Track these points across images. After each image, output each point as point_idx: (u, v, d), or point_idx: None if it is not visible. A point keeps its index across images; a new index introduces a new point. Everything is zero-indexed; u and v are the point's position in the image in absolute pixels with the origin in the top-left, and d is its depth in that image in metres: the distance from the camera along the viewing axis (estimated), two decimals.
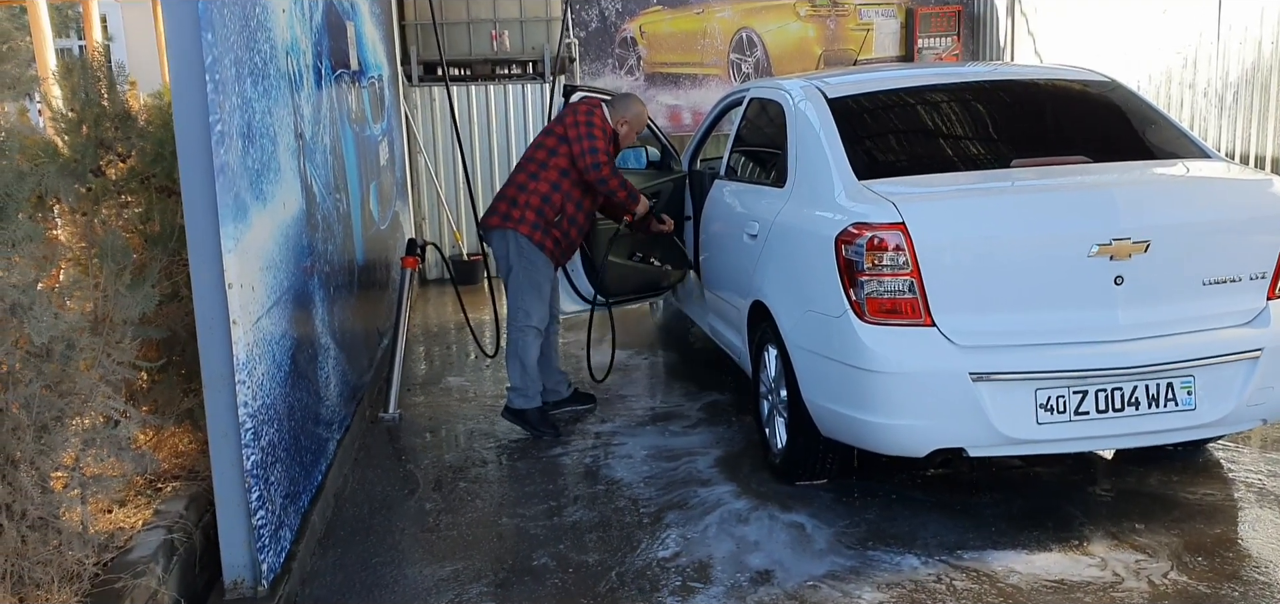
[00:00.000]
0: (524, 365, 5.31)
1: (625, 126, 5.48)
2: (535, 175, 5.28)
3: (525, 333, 5.31)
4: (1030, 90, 4.83)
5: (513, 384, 5.36)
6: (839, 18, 10.79)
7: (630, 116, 5.50)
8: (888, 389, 3.75)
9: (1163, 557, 3.70)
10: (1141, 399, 3.73)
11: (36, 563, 2.96)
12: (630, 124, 5.50)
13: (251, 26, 3.65)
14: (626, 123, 5.48)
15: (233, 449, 3.33)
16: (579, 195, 5.33)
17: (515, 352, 5.32)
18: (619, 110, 5.48)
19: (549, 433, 5.29)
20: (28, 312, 2.90)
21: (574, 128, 5.22)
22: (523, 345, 5.31)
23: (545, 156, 5.30)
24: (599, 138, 5.20)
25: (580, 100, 5.42)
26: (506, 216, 5.27)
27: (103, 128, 4.17)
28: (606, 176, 5.21)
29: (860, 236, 3.76)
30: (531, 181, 5.27)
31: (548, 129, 5.44)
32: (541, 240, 5.25)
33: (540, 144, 5.38)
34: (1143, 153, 4.40)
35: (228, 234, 3.21)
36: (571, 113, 5.29)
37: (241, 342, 3.29)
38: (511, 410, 5.38)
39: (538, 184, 5.25)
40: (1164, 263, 3.73)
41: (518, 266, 5.27)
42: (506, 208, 5.29)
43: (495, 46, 9.94)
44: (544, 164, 5.28)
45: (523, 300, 5.30)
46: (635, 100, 5.62)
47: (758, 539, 3.99)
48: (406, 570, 3.87)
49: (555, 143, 5.29)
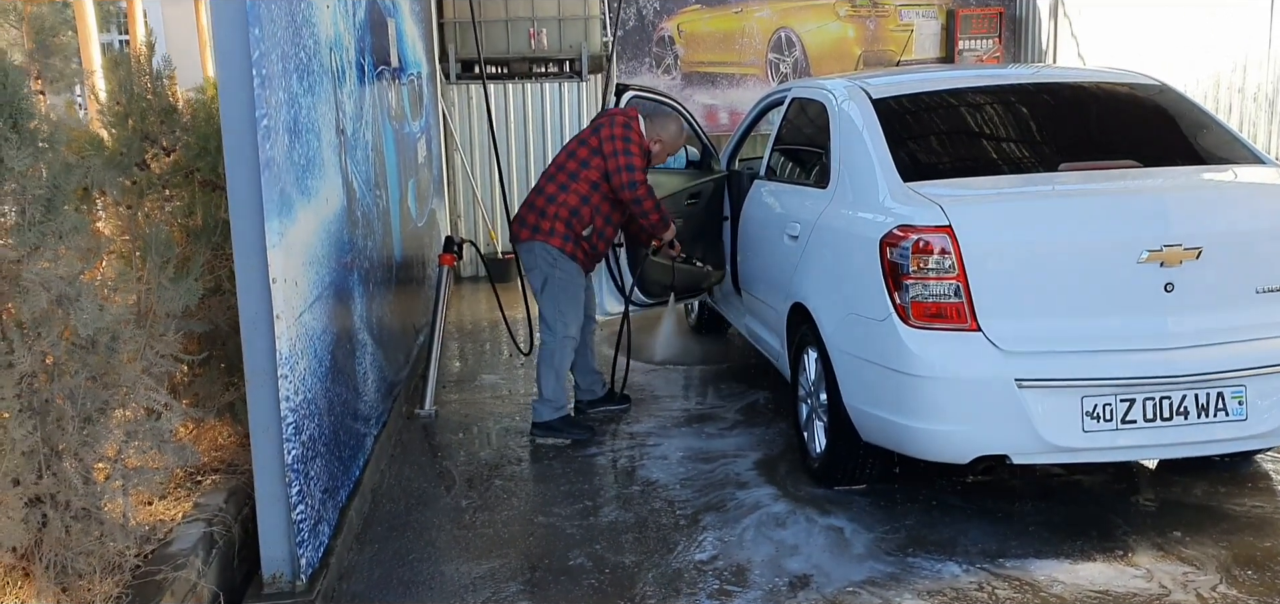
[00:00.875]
0: (558, 375, 5.21)
1: (660, 145, 5.38)
2: (565, 186, 5.14)
3: (564, 343, 5.21)
4: (1077, 93, 4.75)
5: (545, 395, 5.21)
6: (879, 18, 10.71)
7: (667, 137, 5.39)
8: (931, 394, 3.70)
9: (1211, 569, 3.63)
10: (1191, 408, 3.66)
11: (79, 553, 2.98)
12: (665, 145, 5.40)
13: (297, 22, 3.65)
14: (661, 142, 5.38)
15: (274, 443, 3.34)
16: (608, 209, 5.21)
17: (551, 362, 5.20)
18: (656, 127, 5.36)
19: (581, 434, 5.22)
20: (74, 303, 2.92)
21: (610, 141, 5.08)
22: (561, 356, 5.21)
23: (576, 167, 5.17)
24: (636, 153, 5.08)
25: (618, 110, 5.30)
26: (536, 228, 5.15)
27: (148, 122, 4.19)
28: (642, 197, 5.10)
29: (906, 239, 3.72)
30: (561, 193, 5.14)
31: (582, 138, 5.29)
32: (573, 251, 5.15)
33: (572, 152, 5.24)
34: (1193, 157, 4.33)
35: (272, 229, 3.22)
36: (608, 124, 5.15)
37: (285, 336, 3.29)
38: (538, 424, 5.23)
39: (567, 196, 5.12)
40: (1216, 270, 3.66)
41: (552, 277, 5.16)
42: (536, 219, 5.17)
43: (532, 45, 9.94)
44: (574, 175, 5.15)
45: (560, 311, 5.18)
46: (675, 120, 5.49)
47: (796, 543, 3.96)
48: (442, 567, 3.87)
49: (588, 154, 5.16)
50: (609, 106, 5.66)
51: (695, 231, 6.04)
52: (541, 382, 5.23)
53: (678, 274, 5.86)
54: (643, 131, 5.22)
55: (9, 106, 2.82)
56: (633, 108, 5.34)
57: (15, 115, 2.83)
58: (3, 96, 2.81)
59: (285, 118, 3.42)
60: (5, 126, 2.81)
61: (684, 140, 5.55)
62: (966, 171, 4.20)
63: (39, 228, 2.89)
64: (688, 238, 5.95)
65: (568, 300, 5.18)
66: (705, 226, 6.11)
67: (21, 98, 2.85)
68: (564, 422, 5.24)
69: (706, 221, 6.12)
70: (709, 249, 6.11)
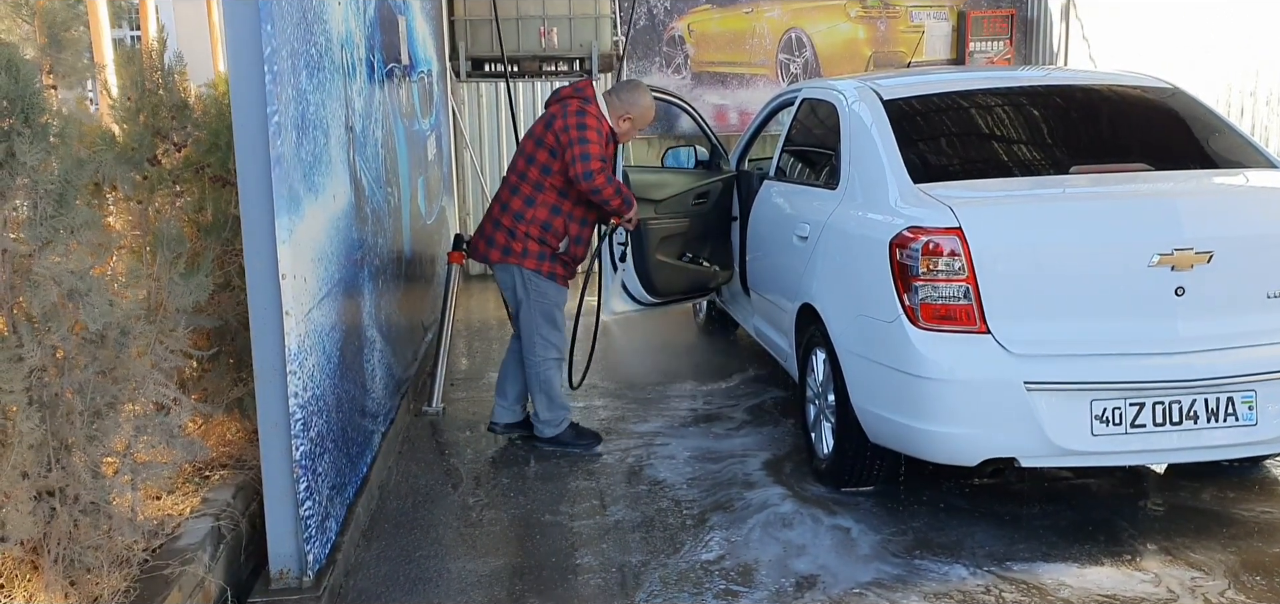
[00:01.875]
0: (550, 396, 4.99)
1: (627, 122, 4.93)
2: (531, 200, 4.79)
3: (547, 365, 4.96)
4: (1089, 96, 4.74)
5: (542, 417, 5.03)
6: (890, 19, 10.69)
7: (635, 111, 4.92)
8: (940, 396, 3.69)
9: (1219, 575, 3.62)
10: (1200, 412, 3.64)
11: (87, 547, 2.99)
12: (634, 120, 4.94)
13: (308, 19, 3.66)
14: (629, 118, 4.92)
15: (282, 439, 3.34)
16: (583, 213, 4.87)
17: (540, 385, 4.98)
18: (621, 102, 4.90)
19: (590, 441, 5.07)
20: (84, 297, 2.93)
21: (565, 133, 4.66)
22: (546, 378, 4.97)
23: (539, 175, 4.78)
24: (593, 140, 4.66)
25: (570, 91, 4.85)
26: (507, 250, 4.83)
27: (159, 117, 4.21)
28: (600, 186, 4.67)
29: (915, 241, 3.71)
30: (528, 209, 4.78)
31: (537, 137, 4.82)
32: (551, 271, 4.86)
33: (531, 157, 4.81)
34: (1206, 161, 4.31)
35: (283, 225, 3.22)
36: (561, 114, 4.72)
37: (294, 333, 3.30)
38: (545, 440, 5.06)
39: (535, 210, 4.78)
40: (1227, 274, 3.65)
41: (527, 301, 4.88)
42: (506, 240, 4.83)
43: (543, 43, 9.94)
44: (539, 185, 4.78)
45: (541, 333, 4.92)
46: (640, 90, 4.99)
47: (803, 544, 3.95)
48: (449, 564, 3.87)
49: (547, 157, 4.76)
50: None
51: (703, 232, 6.04)
52: (536, 405, 5.07)
53: (685, 274, 5.84)
54: (603, 111, 4.81)
55: (21, 101, 2.83)
56: (587, 82, 4.91)
57: (27, 110, 2.84)
58: (14, 91, 2.82)
59: (295, 114, 3.43)
60: (17, 121, 2.82)
61: (655, 112, 5.08)
62: (977, 173, 4.19)
63: (50, 222, 2.90)
64: (695, 238, 5.94)
65: (545, 323, 4.92)
66: (713, 227, 6.11)
67: (33, 92, 2.86)
68: (572, 431, 5.10)
69: (715, 222, 6.11)
70: (717, 249, 6.11)
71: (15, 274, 2.88)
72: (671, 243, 5.82)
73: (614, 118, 4.88)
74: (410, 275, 6.05)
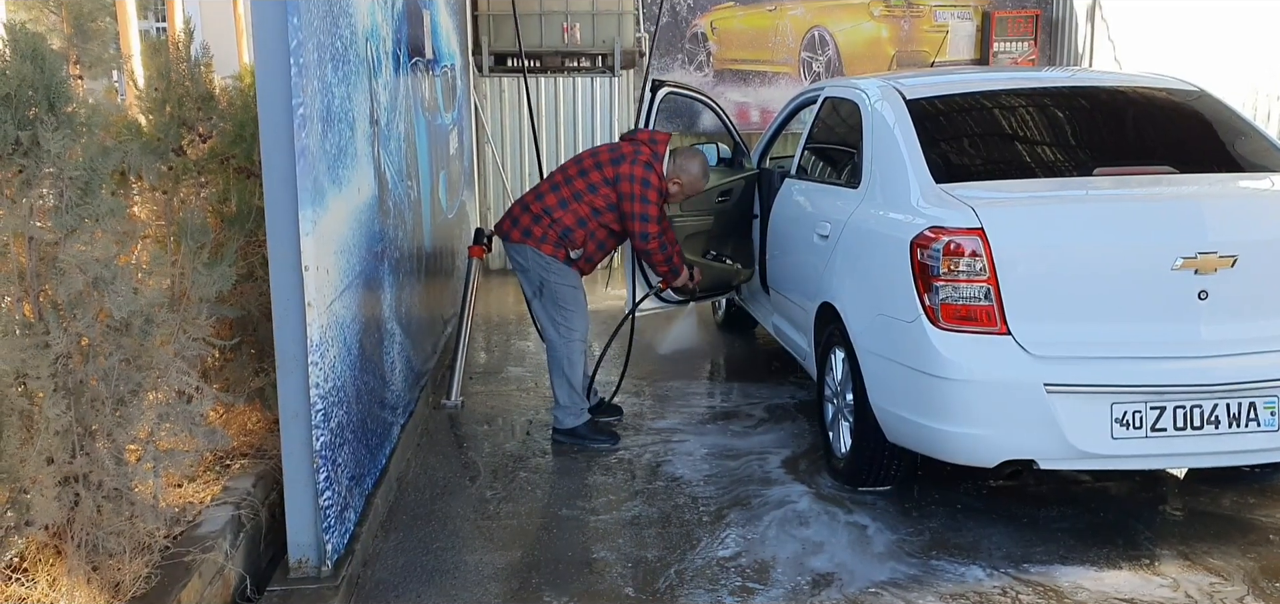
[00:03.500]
0: (571, 382, 5.05)
1: (677, 187, 5.10)
2: (565, 203, 4.96)
3: (571, 347, 5.03)
4: (1114, 97, 4.70)
5: (561, 402, 5.09)
6: (913, 19, 10.64)
7: (686, 179, 5.10)
8: (959, 397, 3.68)
9: (1238, 581, 3.59)
10: (1222, 417, 3.62)
11: (110, 533, 3.02)
12: (684, 187, 5.12)
13: (334, 12, 3.68)
14: (680, 184, 5.10)
15: (303, 430, 3.37)
16: (604, 237, 5.06)
17: (561, 368, 5.05)
18: (677, 168, 5.09)
19: (607, 441, 5.07)
20: (109, 285, 2.95)
21: (629, 182, 4.87)
22: (571, 361, 5.04)
23: (583, 188, 4.96)
24: (653, 202, 4.91)
25: (644, 145, 5.01)
26: (528, 232, 4.98)
27: (185, 108, 4.24)
28: (653, 250, 4.97)
29: (937, 241, 3.70)
30: (559, 209, 4.95)
31: (598, 159, 5.03)
32: (565, 259, 4.99)
33: (585, 172, 5.01)
34: (1231, 165, 4.28)
35: (306, 217, 3.24)
36: (630, 161, 4.92)
37: (315, 324, 3.32)
38: (562, 430, 5.10)
39: (564, 214, 4.94)
40: (1251, 279, 3.62)
41: (547, 281, 4.99)
42: (529, 222, 5.00)
43: (566, 39, 9.95)
44: (579, 196, 4.95)
45: (565, 315, 5.02)
46: (698, 159, 5.18)
47: (819, 542, 3.95)
48: (466, 557, 3.89)
49: (599, 180, 4.95)
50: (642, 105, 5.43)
51: (725, 229, 6.04)
52: (555, 390, 5.13)
53: (709, 272, 5.84)
54: (663, 173, 5.01)
55: (47, 91, 2.85)
56: (665, 137, 5.12)
57: (53, 99, 2.87)
58: (40, 81, 2.84)
59: (320, 107, 3.45)
60: (43, 110, 2.85)
61: (705, 183, 5.26)
62: (999, 174, 4.18)
63: (76, 211, 2.92)
64: (718, 235, 5.94)
65: (568, 302, 5.02)
66: (735, 225, 6.11)
67: (59, 82, 2.89)
68: (589, 427, 5.12)
69: (737, 220, 6.11)
70: (738, 247, 6.10)
71: (41, 262, 2.91)
72: (695, 241, 5.83)
73: (669, 178, 5.06)
74: (430, 269, 6.07)
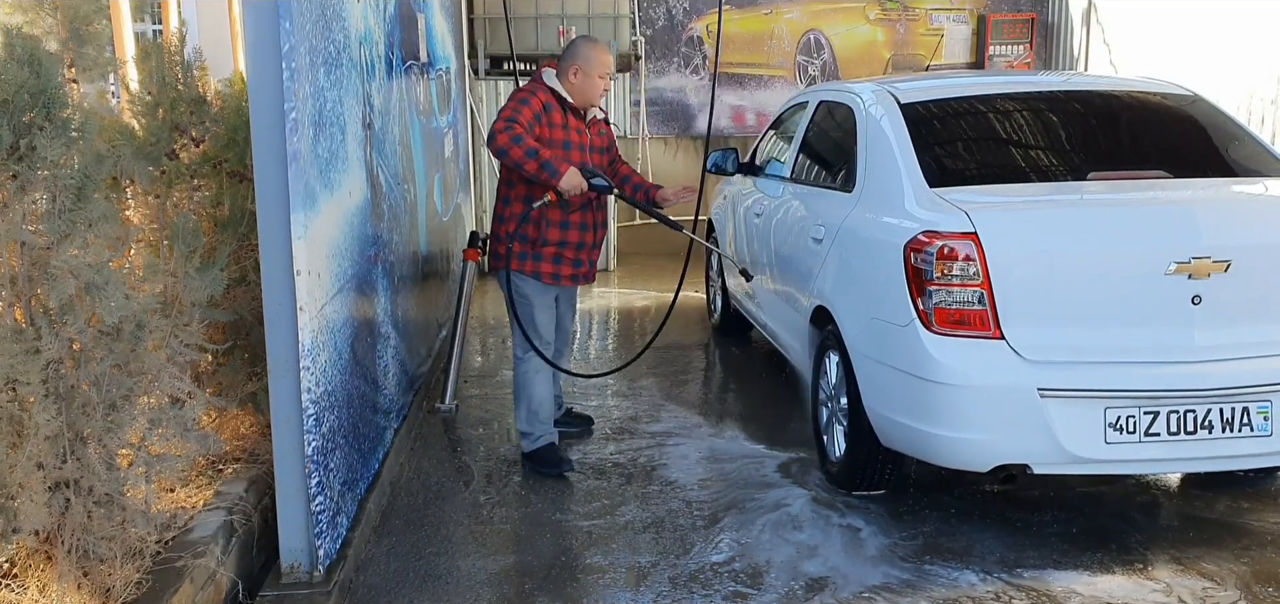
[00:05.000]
0: (531, 408, 4.73)
1: (577, 73, 4.40)
2: (507, 199, 4.59)
3: (524, 366, 4.71)
4: (1108, 102, 4.71)
5: (521, 429, 4.80)
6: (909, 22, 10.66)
7: (578, 59, 4.37)
8: (953, 401, 3.68)
9: (1231, 585, 3.59)
10: (1215, 422, 3.62)
11: (101, 538, 3.01)
12: (582, 68, 4.39)
13: (327, 16, 3.68)
14: (578, 68, 4.39)
15: (295, 434, 3.36)
16: (526, 192, 4.48)
17: (520, 392, 4.75)
18: (563, 62, 4.44)
19: (564, 468, 4.72)
20: (101, 291, 2.95)
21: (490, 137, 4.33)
22: (523, 382, 4.72)
23: (506, 172, 4.57)
24: (516, 105, 4.30)
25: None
26: (495, 256, 4.68)
27: (178, 112, 4.23)
28: (503, 145, 4.21)
29: (930, 245, 3.70)
30: (505, 208, 4.59)
31: None
32: (533, 269, 4.57)
33: None
34: (1225, 169, 4.28)
35: (298, 221, 3.24)
36: None
37: (307, 328, 3.32)
38: (526, 455, 4.81)
39: (511, 207, 4.56)
40: (1244, 284, 3.62)
41: (508, 301, 4.67)
42: (493, 245, 4.71)
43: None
44: (509, 180, 4.58)
45: (518, 334, 4.70)
46: (579, 39, 4.52)
47: (813, 546, 3.95)
48: (459, 562, 3.88)
49: None
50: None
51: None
52: (516, 415, 4.85)
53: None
54: (550, 84, 4.43)
55: (42, 95, 2.85)
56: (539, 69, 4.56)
57: (48, 104, 2.86)
58: (36, 85, 2.84)
59: (313, 111, 3.44)
60: (38, 115, 2.84)
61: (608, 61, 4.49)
62: (993, 178, 4.18)
63: (69, 216, 2.92)
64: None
65: (524, 321, 4.66)
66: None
67: (54, 87, 2.88)
68: (549, 451, 4.77)
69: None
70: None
71: (33, 267, 2.90)
72: None
73: (563, 83, 4.44)
74: (425, 272, 6.07)
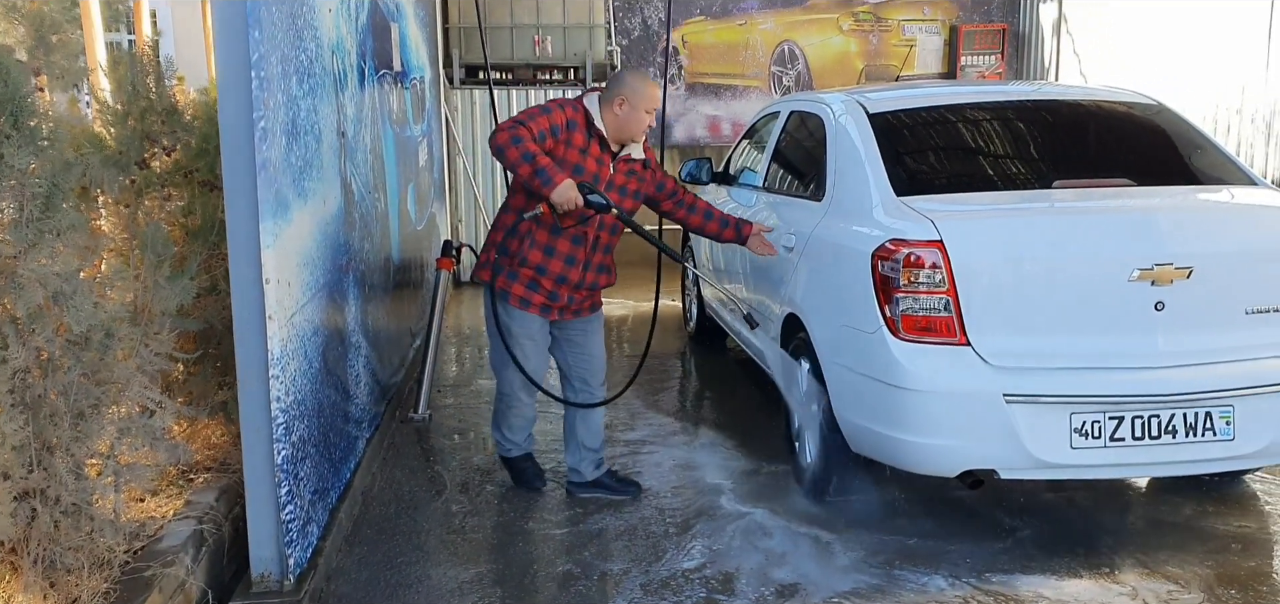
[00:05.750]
0: (499, 427, 4.59)
1: (623, 104, 4.09)
2: (505, 207, 4.31)
3: (497, 399, 4.54)
4: (1074, 111, 4.77)
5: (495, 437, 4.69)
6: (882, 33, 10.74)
7: (625, 90, 4.10)
8: (920, 407, 3.71)
9: (1195, 588, 3.64)
10: (1179, 427, 3.67)
11: (68, 548, 3.00)
12: (629, 100, 4.09)
13: (298, 25, 3.68)
14: (624, 99, 4.09)
15: (264, 444, 3.36)
16: (552, 216, 4.10)
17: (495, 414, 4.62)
18: (609, 90, 4.16)
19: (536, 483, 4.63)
20: (69, 300, 2.94)
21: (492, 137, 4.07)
22: (499, 411, 4.56)
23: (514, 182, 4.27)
24: (538, 117, 4.01)
25: None
26: (481, 266, 4.37)
27: (149, 121, 4.23)
28: (501, 144, 3.92)
29: (897, 253, 3.74)
30: (501, 215, 4.34)
31: None
32: (504, 285, 4.22)
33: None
34: (1188, 177, 4.34)
35: (267, 230, 3.24)
36: None
37: (277, 337, 3.32)
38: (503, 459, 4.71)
39: (502, 217, 4.29)
40: (1206, 290, 3.67)
41: (489, 326, 4.37)
42: (485, 255, 4.36)
43: (537, 52, 9.98)
44: (511, 189, 4.31)
45: (494, 365, 4.47)
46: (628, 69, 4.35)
47: (784, 553, 3.97)
48: (431, 571, 3.88)
49: None
50: None
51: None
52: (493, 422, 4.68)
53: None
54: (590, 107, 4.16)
55: (10, 104, 2.85)
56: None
57: (16, 112, 2.86)
58: (4, 94, 2.84)
59: (284, 120, 3.45)
60: (6, 124, 2.84)
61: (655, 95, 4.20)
62: (960, 187, 4.22)
63: (37, 225, 2.92)
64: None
65: (497, 350, 4.36)
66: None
67: (22, 95, 2.88)
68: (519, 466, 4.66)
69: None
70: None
71: (1, 276, 2.89)
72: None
73: (605, 112, 4.15)
74: (398, 281, 6.07)
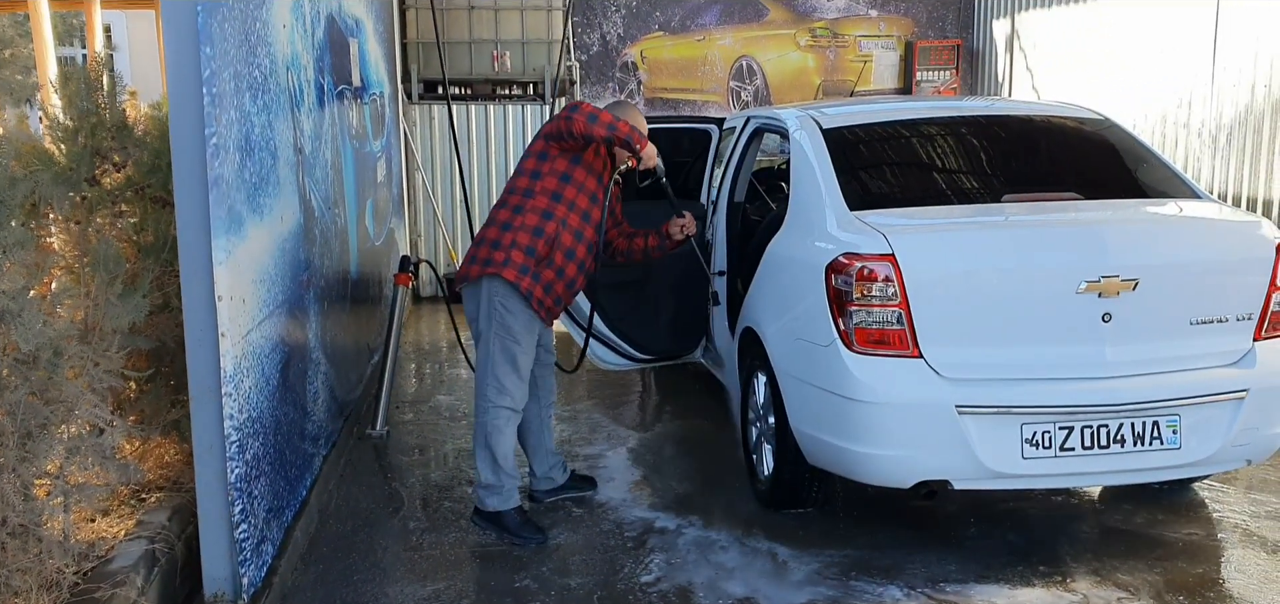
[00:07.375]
0: (494, 457, 4.22)
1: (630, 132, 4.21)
2: (519, 208, 4.19)
3: (496, 413, 4.20)
4: (1024, 126, 4.85)
5: (482, 482, 4.25)
6: (838, 48, 10.85)
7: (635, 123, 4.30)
8: (873, 419, 3.75)
9: (1145, 595, 3.70)
10: (1127, 436, 3.73)
11: (15, 570, 2.96)
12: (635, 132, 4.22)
13: (252, 41, 3.67)
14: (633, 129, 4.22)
15: (217, 462, 3.33)
16: (577, 222, 4.20)
17: (482, 439, 4.22)
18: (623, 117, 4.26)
19: (534, 539, 4.23)
20: (16, 318, 2.91)
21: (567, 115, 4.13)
22: (493, 429, 4.21)
23: (528, 182, 4.21)
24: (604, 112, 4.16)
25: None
26: (488, 261, 4.15)
27: (99, 137, 4.18)
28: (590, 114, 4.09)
29: (850, 266, 3.77)
30: (516, 216, 4.17)
31: (527, 150, 4.35)
32: (529, 287, 4.13)
33: (521, 169, 4.30)
34: (1134, 191, 4.43)
35: (220, 246, 3.22)
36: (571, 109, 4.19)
37: (230, 354, 3.29)
38: (482, 513, 4.29)
39: (525, 216, 4.16)
40: (1152, 301, 3.75)
41: (489, 328, 4.18)
42: (488, 252, 4.17)
43: (496, 67, 9.98)
44: (529, 191, 4.20)
45: (494, 371, 4.19)
46: (629, 107, 4.50)
47: (738, 567, 3.99)
48: (388, 588, 3.86)
49: (534, 164, 4.25)
50: None
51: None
52: (476, 464, 4.29)
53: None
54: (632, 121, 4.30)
55: None
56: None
57: None
58: None
59: (237, 136, 3.43)
60: None
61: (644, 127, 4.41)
62: (912, 201, 4.27)
63: None
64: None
65: (503, 359, 4.18)
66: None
67: None
68: (516, 516, 4.28)
69: None
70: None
71: None
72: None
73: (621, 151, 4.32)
74: (357, 297, 6.04)
